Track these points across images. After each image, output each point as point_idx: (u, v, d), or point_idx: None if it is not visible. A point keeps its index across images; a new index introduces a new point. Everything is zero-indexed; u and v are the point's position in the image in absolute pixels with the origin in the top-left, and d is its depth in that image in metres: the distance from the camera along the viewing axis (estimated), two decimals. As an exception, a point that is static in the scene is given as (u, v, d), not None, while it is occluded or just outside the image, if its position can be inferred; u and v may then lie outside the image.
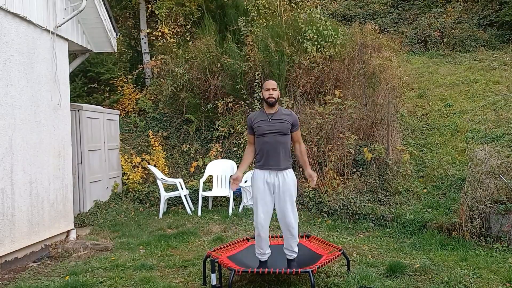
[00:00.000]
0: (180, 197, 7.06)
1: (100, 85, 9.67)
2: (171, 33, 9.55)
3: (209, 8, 10.13)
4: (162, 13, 9.58)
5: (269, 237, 3.99)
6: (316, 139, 7.00)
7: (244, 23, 9.08)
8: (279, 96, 3.99)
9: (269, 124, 3.82)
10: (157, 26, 9.89)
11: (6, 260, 4.53)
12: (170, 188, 7.33)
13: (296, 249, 3.95)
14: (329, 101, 7.31)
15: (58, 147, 5.47)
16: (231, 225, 6.12)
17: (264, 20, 8.94)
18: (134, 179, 7.61)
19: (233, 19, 9.62)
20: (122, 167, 7.81)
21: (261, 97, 3.98)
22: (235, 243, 4.45)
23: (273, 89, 3.85)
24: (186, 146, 8.44)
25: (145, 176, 7.92)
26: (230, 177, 7.00)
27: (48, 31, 5.31)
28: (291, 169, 3.90)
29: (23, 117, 4.81)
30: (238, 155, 7.84)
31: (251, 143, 3.99)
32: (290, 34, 8.35)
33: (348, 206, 6.10)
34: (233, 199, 6.86)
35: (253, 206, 3.94)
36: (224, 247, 4.28)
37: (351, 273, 3.98)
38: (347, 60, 8.01)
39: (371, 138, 7.13)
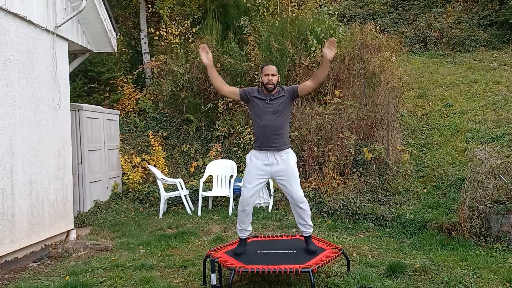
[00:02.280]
0: (180, 197, 7.07)
1: (100, 85, 9.67)
2: (174, 33, 9.54)
3: (210, 7, 10.13)
4: (165, 14, 9.58)
5: (269, 236, 4.00)
6: (316, 139, 7.00)
7: (246, 23, 9.07)
8: (279, 81, 3.99)
9: (268, 104, 3.83)
10: (159, 26, 9.88)
11: (6, 260, 4.53)
12: (170, 188, 7.33)
13: (310, 223, 4.02)
14: (329, 101, 7.31)
15: (58, 147, 5.47)
16: (231, 225, 6.12)
17: (267, 18, 8.94)
18: (134, 179, 7.60)
19: (235, 18, 9.62)
20: (122, 167, 7.81)
21: (260, 81, 3.97)
22: (235, 243, 4.44)
23: (272, 75, 3.86)
24: (186, 146, 8.44)
25: (145, 176, 7.92)
26: (231, 177, 7.00)
27: (48, 31, 5.31)
28: (290, 149, 3.95)
29: (23, 117, 4.81)
30: (238, 155, 7.85)
31: (230, 89, 3.98)
32: (293, 33, 8.36)
33: (348, 206, 6.10)
34: (233, 199, 6.87)
35: (243, 182, 3.96)
36: (224, 247, 4.27)
37: (351, 273, 3.98)
38: (347, 60, 8.01)
39: (371, 138, 7.13)
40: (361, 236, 5.46)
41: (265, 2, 9.08)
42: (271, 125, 3.82)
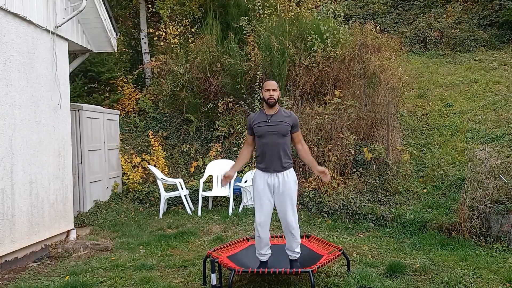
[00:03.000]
0: (180, 197, 7.07)
1: (100, 85, 9.67)
2: (174, 33, 9.54)
3: (210, 7, 10.13)
4: (165, 14, 9.58)
5: (269, 238, 3.98)
6: (316, 139, 7.00)
7: (246, 23, 9.08)
8: (279, 97, 3.98)
9: (269, 125, 3.81)
10: (159, 26, 9.88)
11: (6, 260, 4.53)
12: (170, 188, 7.33)
13: (298, 250, 3.93)
14: (329, 101, 7.32)
15: (58, 147, 5.47)
16: (231, 225, 6.12)
17: (267, 18, 8.94)
18: (134, 179, 7.61)
19: (235, 18, 9.63)
20: (122, 167, 7.81)
21: (261, 97, 3.97)
22: (235, 243, 4.45)
23: (273, 90, 3.83)
24: (186, 146, 8.44)
25: (145, 176, 7.92)
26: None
27: (48, 31, 5.31)
28: (292, 169, 3.89)
29: (23, 117, 4.81)
30: (238, 155, 7.83)
31: (248, 144, 3.98)
32: (293, 33, 8.36)
33: (348, 206, 6.10)
34: (233, 199, 6.87)
35: (254, 207, 3.93)
36: (224, 247, 4.28)
37: (351, 273, 3.98)
38: (347, 60, 8.01)
39: (371, 138, 7.13)
40: (361, 236, 5.46)
41: (264, 3, 9.08)
42: (273, 144, 3.77)
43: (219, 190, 7.11)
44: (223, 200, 7.31)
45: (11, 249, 4.56)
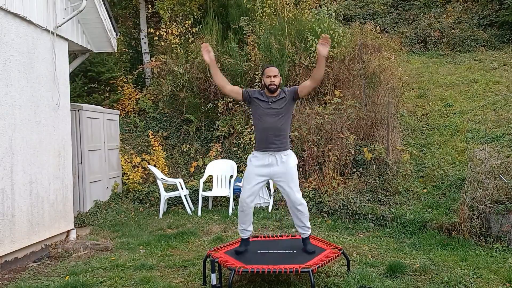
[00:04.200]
0: (180, 197, 7.07)
1: (100, 85, 9.67)
2: (174, 33, 9.55)
3: (210, 8, 10.14)
4: (165, 14, 9.58)
5: (268, 236, 4.01)
6: (316, 139, 7.00)
7: (246, 23, 9.08)
8: (280, 82, 3.99)
9: (270, 107, 3.84)
10: (159, 26, 9.89)
11: (6, 260, 4.53)
12: (170, 188, 7.33)
13: (308, 225, 4.02)
14: (329, 101, 7.31)
15: (58, 147, 5.47)
16: (231, 225, 6.12)
17: (267, 18, 8.95)
18: (134, 179, 7.61)
19: (235, 18, 9.63)
20: (122, 167, 7.81)
21: (262, 83, 3.97)
22: (235, 242, 4.44)
23: (274, 76, 3.86)
24: (186, 146, 8.44)
25: (145, 176, 7.92)
26: (231, 177, 7.01)
27: (48, 31, 5.31)
28: (290, 150, 3.96)
29: (23, 117, 4.81)
30: (238, 155, 7.85)
31: (233, 87, 4.04)
32: (292, 33, 8.36)
33: (348, 206, 6.10)
34: (233, 199, 6.87)
35: (243, 182, 3.97)
36: (224, 247, 4.28)
37: (351, 273, 3.98)
38: (347, 60, 8.01)
39: (371, 138, 7.13)
40: (361, 236, 5.46)
41: (263, 3, 9.08)
42: (273, 126, 3.83)
43: (219, 190, 7.11)
44: (223, 200, 7.31)
45: (11, 249, 4.56)
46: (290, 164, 3.88)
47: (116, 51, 7.20)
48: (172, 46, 9.45)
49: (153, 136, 8.41)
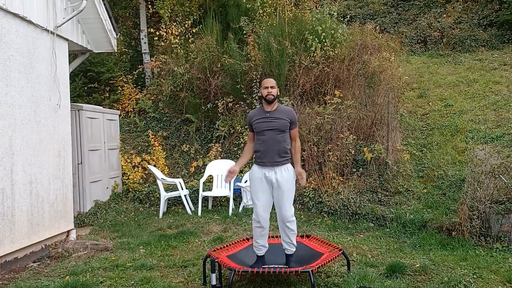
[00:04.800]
0: (180, 197, 7.06)
1: (100, 85, 9.67)
2: (174, 33, 9.55)
3: (210, 8, 10.14)
4: (165, 14, 9.58)
5: (268, 236, 4.00)
6: (316, 139, 7.00)
7: (246, 23, 9.08)
8: (278, 94, 4.00)
9: (267, 121, 3.84)
10: (159, 26, 9.89)
11: (6, 260, 4.53)
12: (170, 188, 7.33)
13: (294, 242, 3.96)
14: (329, 101, 7.31)
15: (58, 147, 5.47)
16: (231, 225, 6.12)
17: (267, 18, 8.95)
18: (134, 179, 7.61)
19: (235, 19, 9.63)
20: (122, 167, 7.81)
21: (260, 95, 3.99)
22: (235, 243, 4.45)
23: (271, 87, 3.87)
24: (186, 146, 8.44)
25: (145, 176, 7.92)
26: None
27: (48, 31, 5.31)
28: (290, 164, 3.93)
29: (23, 117, 4.81)
30: (238, 155, 7.84)
31: (251, 140, 4.03)
32: (292, 33, 8.36)
33: (348, 206, 6.10)
34: (233, 199, 6.86)
35: (252, 200, 3.96)
36: (224, 247, 4.28)
37: (351, 273, 3.98)
38: (347, 60, 8.01)
39: (371, 138, 7.13)
40: (361, 236, 5.46)
41: (263, 2, 9.08)
42: (271, 139, 3.82)
43: (219, 190, 7.11)
44: (223, 200, 7.31)
45: (11, 249, 4.56)
46: (289, 179, 3.85)
47: (116, 51, 7.20)
48: (172, 46, 9.45)
49: (153, 136, 8.42)
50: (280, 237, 4.10)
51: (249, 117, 4.00)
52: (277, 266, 3.77)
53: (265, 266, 3.79)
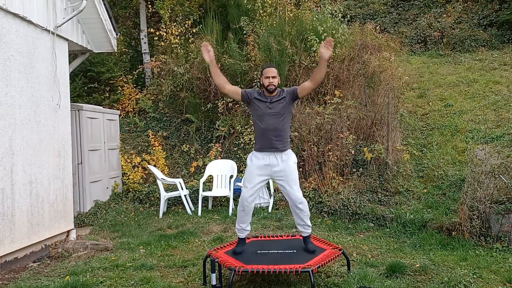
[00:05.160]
0: (180, 197, 7.07)
1: (100, 85, 9.67)
2: (174, 33, 9.55)
3: (210, 8, 10.14)
4: (165, 14, 9.58)
5: (268, 235, 4.02)
6: (316, 139, 7.00)
7: (246, 23, 9.08)
8: (279, 83, 4.00)
9: (268, 106, 3.85)
10: (159, 26, 9.89)
11: (6, 260, 4.53)
12: (170, 188, 7.33)
13: (309, 223, 4.04)
14: (329, 101, 7.31)
15: (58, 147, 5.47)
16: (231, 225, 6.12)
17: (267, 18, 8.95)
18: (134, 179, 7.61)
19: (235, 19, 9.63)
20: (122, 167, 7.81)
21: (261, 83, 3.98)
22: (235, 243, 4.44)
23: (273, 77, 3.89)
24: (186, 146, 8.44)
25: (145, 176, 7.92)
26: (231, 177, 7.01)
27: (48, 31, 5.31)
28: (290, 150, 3.98)
29: (23, 117, 4.81)
30: (238, 155, 7.85)
31: (232, 87, 4.03)
32: (292, 33, 8.36)
33: (348, 206, 6.10)
34: (233, 199, 6.86)
35: (243, 183, 3.97)
36: (224, 247, 4.28)
37: (351, 273, 3.98)
38: (347, 60, 8.01)
39: (371, 138, 7.13)
40: (361, 236, 5.46)
41: (264, 2, 9.08)
42: (272, 127, 3.84)
43: (219, 190, 7.11)
44: (223, 200, 7.31)
45: (11, 249, 4.56)
46: (290, 163, 3.89)
47: (116, 51, 7.20)
48: (172, 46, 9.45)
49: (153, 136, 8.42)
50: (281, 236, 4.11)
51: (250, 91, 3.99)
52: (277, 266, 3.77)
53: (263, 264, 3.78)
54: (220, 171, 7.23)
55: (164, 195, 6.82)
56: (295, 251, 4.02)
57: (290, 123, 4.02)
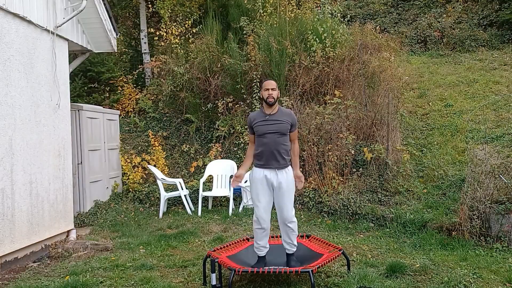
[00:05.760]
0: (180, 197, 7.07)
1: (100, 85, 9.67)
2: (174, 33, 9.55)
3: (210, 7, 10.15)
4: (165, 14, 9.59)
5: (269, 237, 4.01)
6: (316, 139, 7.00)
7: (246, 23, 9.08)
8: (279, 96, 4.01)
9: (268, 124, 3.84)
10: (159, 26, 9.90)
11: (6, 260, 4.53)
12: (170, 188, 7.33)
13: (295, 242, 3.99)
14: (329, 101, 7.31)
15: (58, 147, 5.47)
16: (231, 225, 6.12)
17: (268, 18, 8.95)
18: (134, 179, 7.61)
19: (235, 19, 9.63)
20: (122, 167, 7.81)
21: (261, 97, 3.99)
22: (235, 243, 4.45)
23: (272, 89, 3.87)
24: (186, 146, 8.44)
25: (145, 176, 7.92)
26: (231, 177, 7.02)
27: (48, 31, 5.31)
28: (290, 167, 3.94)
29: (23, 117, 4.81)
30: (238, 155, 7.85)
31: (252, 143, 4.03)
32: (292, 33, 8.36)
33: (348, 206, 6.10)
34: (233, 199, 6.86)
35: (252, 201, 3.96)
36: (224, 247, 4.28)
37: (351, 273, 3.98)
38: (347, 60, 8.01)
39: (371, 138, 7.13)
40: (361, 236, 5.46)
41: (265, 2, 9.09)
42: (272, 142, 3.82)
43: (219, 190, 7.11)
44: (223, 200, 7.31)
45: (11, 249, 4.56)
46: (289, 181, 3.87)
47: (116, 51, 7.20)
48: (172, 46, 9.46)
49: (153, 136, 8.42)
50: (280, 237, 4.10)
51: (249, 119, 4.00)
52: (277, 266, 3.77)
53: (265, 267, 3.79)
54: (220, 171, 7.24)
55: (164, 195, 6.82)
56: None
57: (290, 142, 3.99)
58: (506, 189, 5.06)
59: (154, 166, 7.71)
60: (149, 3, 10.55)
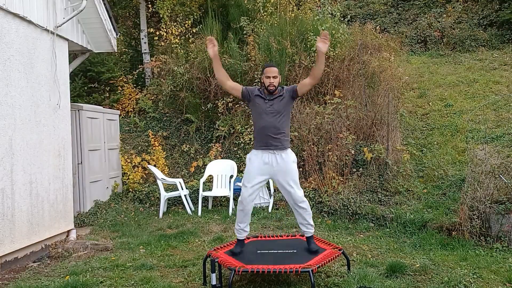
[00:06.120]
0: (180, 197, 7.07)
1: (100, 85, 9.67)
2: (174, 33, 9.56)
3: (210, 7, 10.15)
4: (165, 14, 9.59)
5: (269, 235, 4.01)
6: (316, 139, 7.00)
7: (246, 23, 9.09)
8: (280, 83, 3.99)
9: (267, 105, 3.85)
10: (159, 26, 9.90)
11: (6, 260, 4.53)
12: (170, 188, 7.33)
13: (311, 222, 4.01)
14: (329, 101, 7.32)
15: (58, 147, 5.47)
16: (231, 225, 6.12)
17: (268, 18, 8.95)
18: (134, 179, 7.61)
19: (235, 18, 9.63)
20: (122, 167, 7.81)
21: (261, 82, 3.97)
22: (235, 242, 4.44)
23: (273, 77, 3.87)
24: (186, 146, 8.44)
25: (145, 176, 7.93)
26: (231, 177, 7.02)
27: (48, 31, 5.31)
28: (290, 149, 3.96)
29: (23, 117, 4.81)
30: (238, 155, 7.85)
31: (233, 84, 4.10)
32: (292, 33, 8.36)
33: (348, 206, 6.10)
34: (233, 199, 6.86)
35: (243, 181, 3.97)
36: (224, 247, 4.28)
37: (351, 273, 3.98)
38: (347, 60, 8.01)
39: (371, 138, 7.13)
40: (361, 236, 5.46)
41: (265, 2, 9.09)
42: (271, 125, 3.83)
43: (219, 190, 7.11)
44: (223, 200, 7.31)
45: (11, 249, 4.56)
46: (290, 162, 3.87)
47: (116, 51, 7.20)
48: (172, 46, 9.46)
49: (153, 136, 8.42)
50: (282, 236, 4.10)
51: (250, 89, 3.99)
52: (277, 266, 3.77)
53: (265, 267, 3.79)
54: (220, 171, 7.24)
55: (164, 195, 6.82)
56: (295, 251, 4.02)
57: (290, 122, 4.01)
58: (506, 189, 5.06)
59: (154, 166, 7.71)
60: (149, 3, 10.55)
